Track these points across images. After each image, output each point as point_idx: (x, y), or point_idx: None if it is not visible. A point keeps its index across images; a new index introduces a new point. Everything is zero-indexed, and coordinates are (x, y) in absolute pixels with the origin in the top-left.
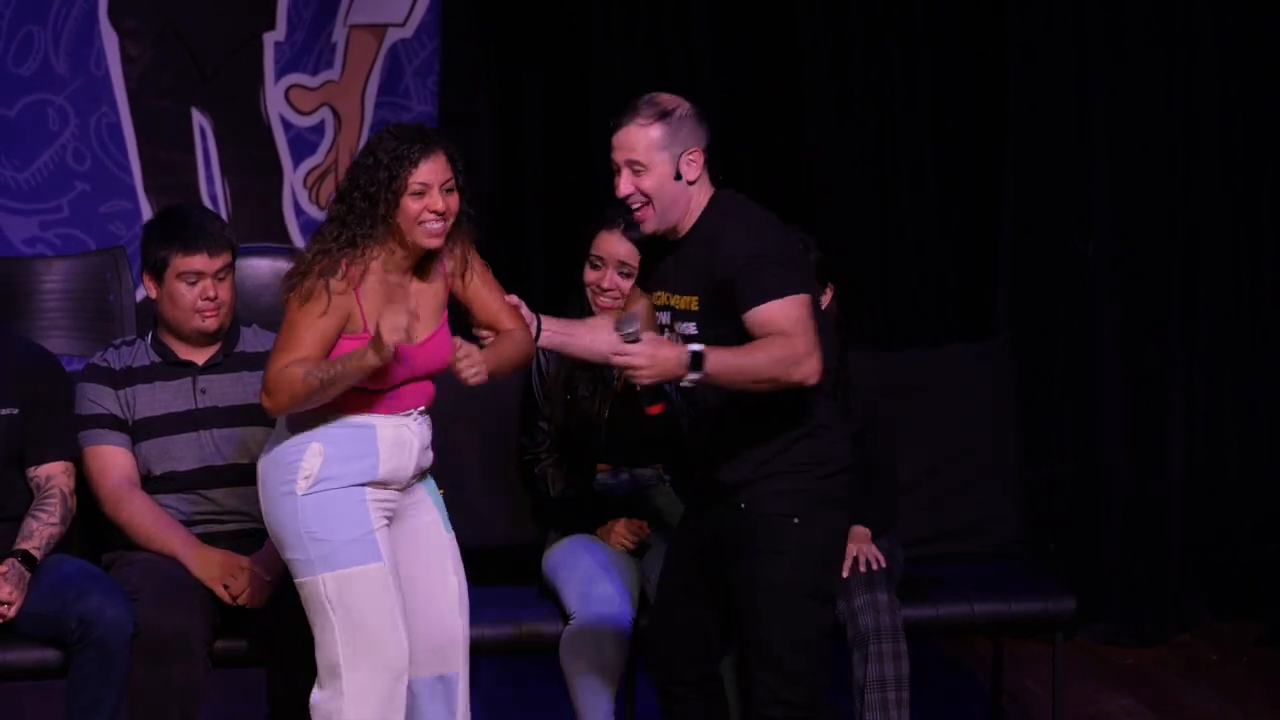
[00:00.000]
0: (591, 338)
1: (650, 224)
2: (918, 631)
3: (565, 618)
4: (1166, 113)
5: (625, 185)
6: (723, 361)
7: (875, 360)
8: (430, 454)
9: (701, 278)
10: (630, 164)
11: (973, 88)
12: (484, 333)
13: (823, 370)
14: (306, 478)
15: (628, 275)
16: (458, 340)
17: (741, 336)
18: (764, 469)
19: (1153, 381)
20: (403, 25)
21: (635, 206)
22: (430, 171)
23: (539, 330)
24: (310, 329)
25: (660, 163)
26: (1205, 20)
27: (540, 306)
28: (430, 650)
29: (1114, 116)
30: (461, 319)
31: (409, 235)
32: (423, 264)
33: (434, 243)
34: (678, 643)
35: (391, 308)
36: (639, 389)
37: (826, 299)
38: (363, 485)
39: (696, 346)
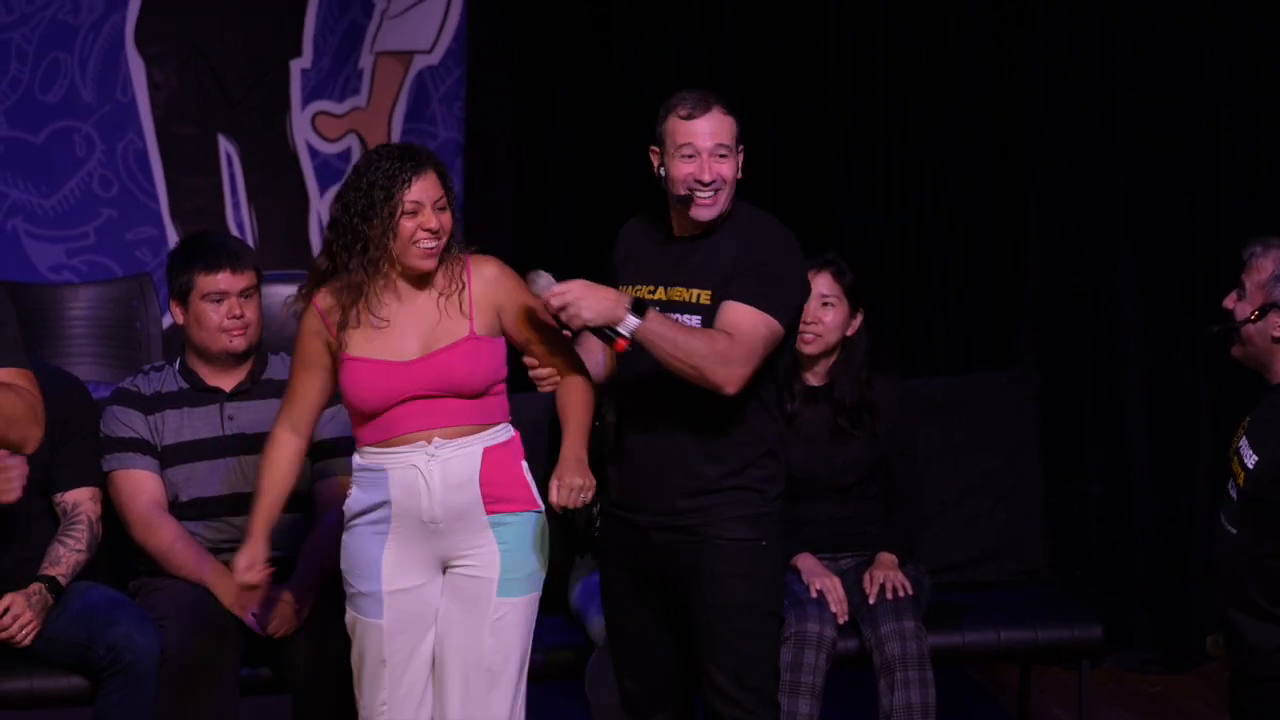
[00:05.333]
0: (592, 361)
1: (715, 210)
2: (944, 659)
3: (591, 645)
4: (1191, 143)
5: (714, 168)
6: (663, 323)
7: (901, 386)
8: (476, 489)
9: (723, 273)
10: (719, 148)
11: (998, 112)
12: (539, 375)
13: (739, 390)
14: (346, 515)
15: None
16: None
17: None
18: (729, 489)
19: (1178, 408)
20: (429, 52)
21: (713, 191)
22: (422, 190)
23: None
24: (300, 379)
25: (736, 153)
26: (1232, 51)
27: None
28: (458, 706)
29: (1138, 145)
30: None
31: (403, 257)
32: (432, 289)
33: (428, 264)
34: (655, 684)
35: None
36: (589, 330)
37: (856, 324)
38: (385, 528)
39: (643, 298)
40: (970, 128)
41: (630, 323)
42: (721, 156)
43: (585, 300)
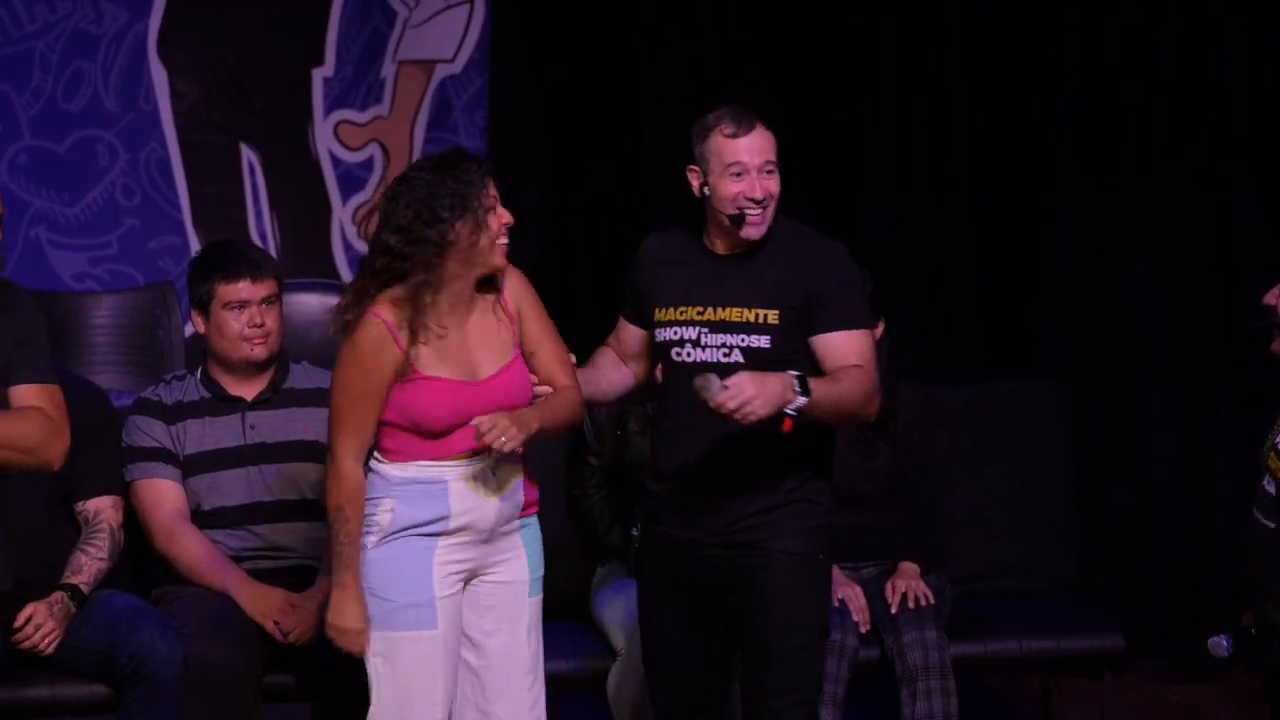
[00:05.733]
0: (606, 382)
1: (764, 227)
2: (967, 668)
3: (613, 654)
4: (1213, 147)
5: (763, 185)
6: (823, 388)
7: (924, 395)
8: (520, 498)
9: (790, 292)
10: (766, 164)
11: (1020, 120)
12: (541, 388)
13: None
14: (378, 532)
15: None
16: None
17: (810, 354)
18: (797, 501)
19: (1203, 419)
20: (451, 61)
21: (763, 208)
22: (494, 187)
23: None
24: (365, 392)
25: (778, 169)
26: (1242, 62)
27: (591, 345)
28: (493, 716)
29: (1159, 150)
30: None
31: (488, 255)
32: (478, 299)
33: (505, 261)
34: (692, 701)
35: None
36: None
37: (878, 332)
38: (434, 540)
39: (794, 372)
40: (993, 136)
41: (799, 402)
42: (769, 173)
43: (760, 398)
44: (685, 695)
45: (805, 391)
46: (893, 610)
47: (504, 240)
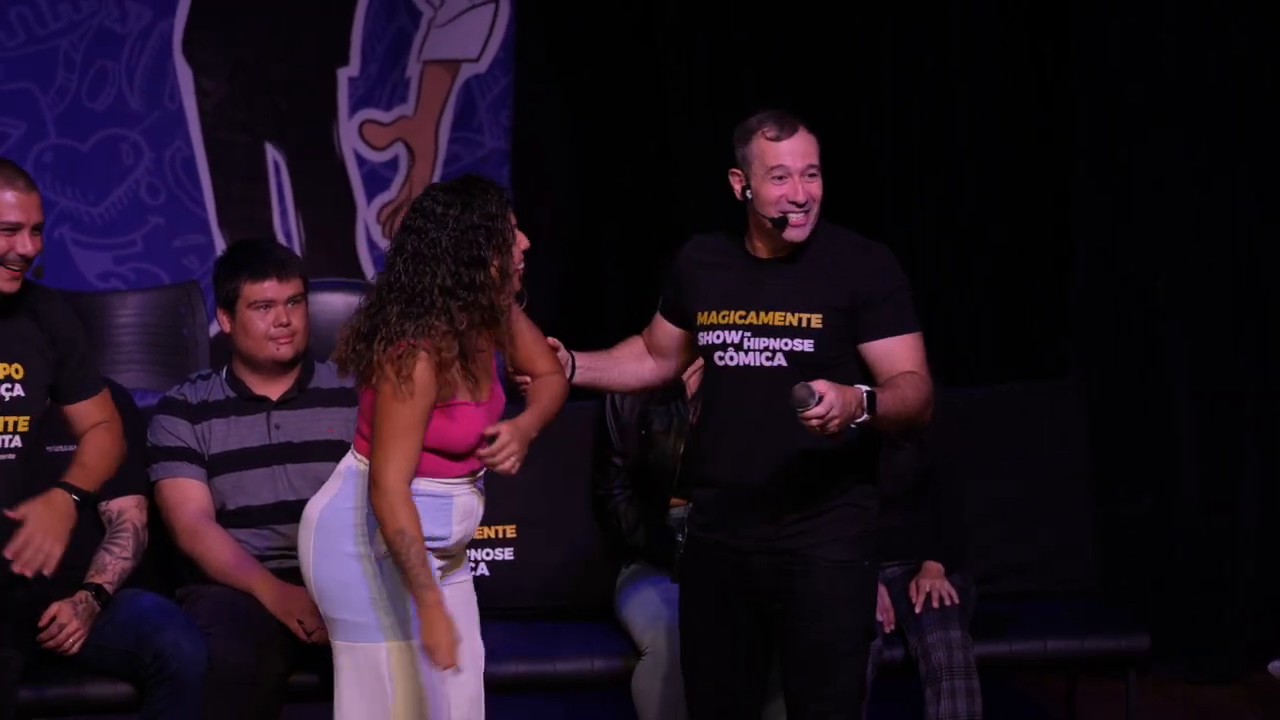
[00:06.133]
0: (619, 370)
1: (807, 229)
2: (990, 668)
3: (638, 653)
4: (1235, 146)
5: (806, 189)
6: (887, 400)
7: (945, 396)
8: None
9: (835, 296)
10: (809, 168)
11: (1040, 120)
12: (522, 379)
13: None
14: (381, 543)
15: None
16: (491, 430)
17: (858, 359)
18: (841, 506)
19: (1225, 418)
20: (476, 61)
21: (805, 211)
22: (513, 214)
23: (573, 369)
24: (414, 411)
25: (820, 172)
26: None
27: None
28: (467, 713)
29: (1181, 151)
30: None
31: (512, 285)
32: None
33: (520, 286)
34: (729, 707)
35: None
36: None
37: None
38: (433, 552)
39: (865, 387)
40: (1012, 136)
41: (863, 419)
42: (811, 176)
43: (842, 415)
44: (721, 699)
45: (873, 410)
46: (917, 610)
47: (522, 266)
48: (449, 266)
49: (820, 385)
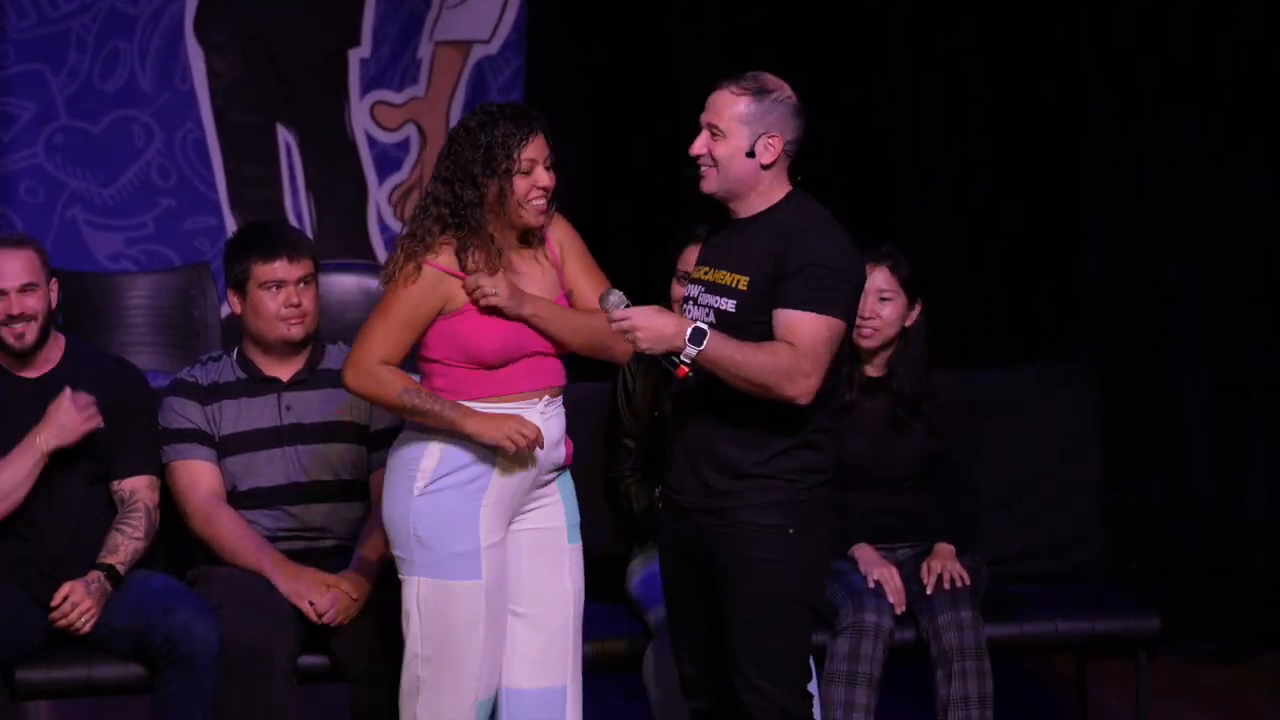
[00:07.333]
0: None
1: (710, 185)
2: (1001, 650)
3: (648, 634)
4: (1247, 124)
5: (699, 145)
6: (723, 346)
7: (956, 378)
8: (563, 449)
9: (763, 261)
10: (710, 126)
11: (1054, 103)
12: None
13: (814, 397)
14: (422, 478)
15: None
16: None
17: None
18: (757, 476)
19: (1234, 406)
20: (488, 42)
21: (702, 166)
22: (536, 148)
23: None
24: (402, 306)
25: (738, 135)
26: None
27: None
28: (535, 662)
29: (1197, 137)
30: None
31: (515, 214)
32: (524, 249)
33: (540, 220)
34: (710, 667)
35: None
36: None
37: (914, 315)
38: (481, 486)
39: (702, 324)
40: (1026, 118)
41: (689, 351)
42: (714, 135)
43: (643, 330)
44: (700, 661)
45: (698, 342)
46: (928, 591)
47: (537, 201)
48: (444, 178)
49: (639, 308)
